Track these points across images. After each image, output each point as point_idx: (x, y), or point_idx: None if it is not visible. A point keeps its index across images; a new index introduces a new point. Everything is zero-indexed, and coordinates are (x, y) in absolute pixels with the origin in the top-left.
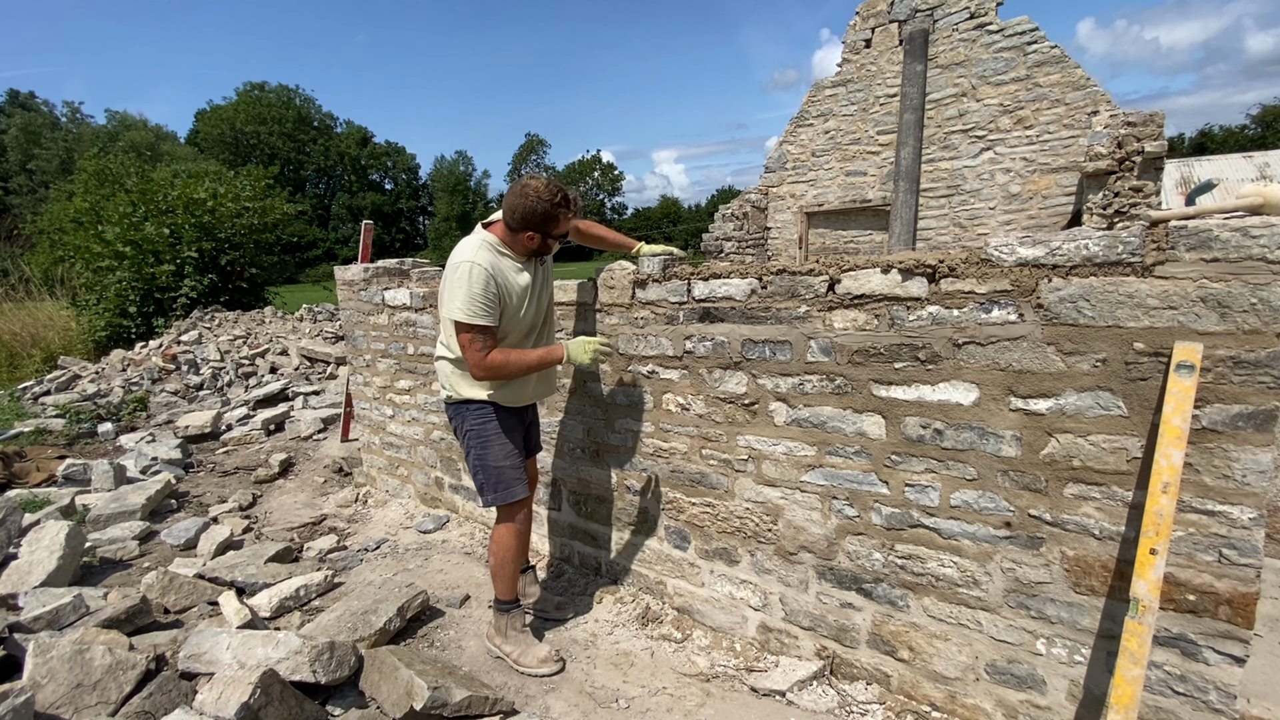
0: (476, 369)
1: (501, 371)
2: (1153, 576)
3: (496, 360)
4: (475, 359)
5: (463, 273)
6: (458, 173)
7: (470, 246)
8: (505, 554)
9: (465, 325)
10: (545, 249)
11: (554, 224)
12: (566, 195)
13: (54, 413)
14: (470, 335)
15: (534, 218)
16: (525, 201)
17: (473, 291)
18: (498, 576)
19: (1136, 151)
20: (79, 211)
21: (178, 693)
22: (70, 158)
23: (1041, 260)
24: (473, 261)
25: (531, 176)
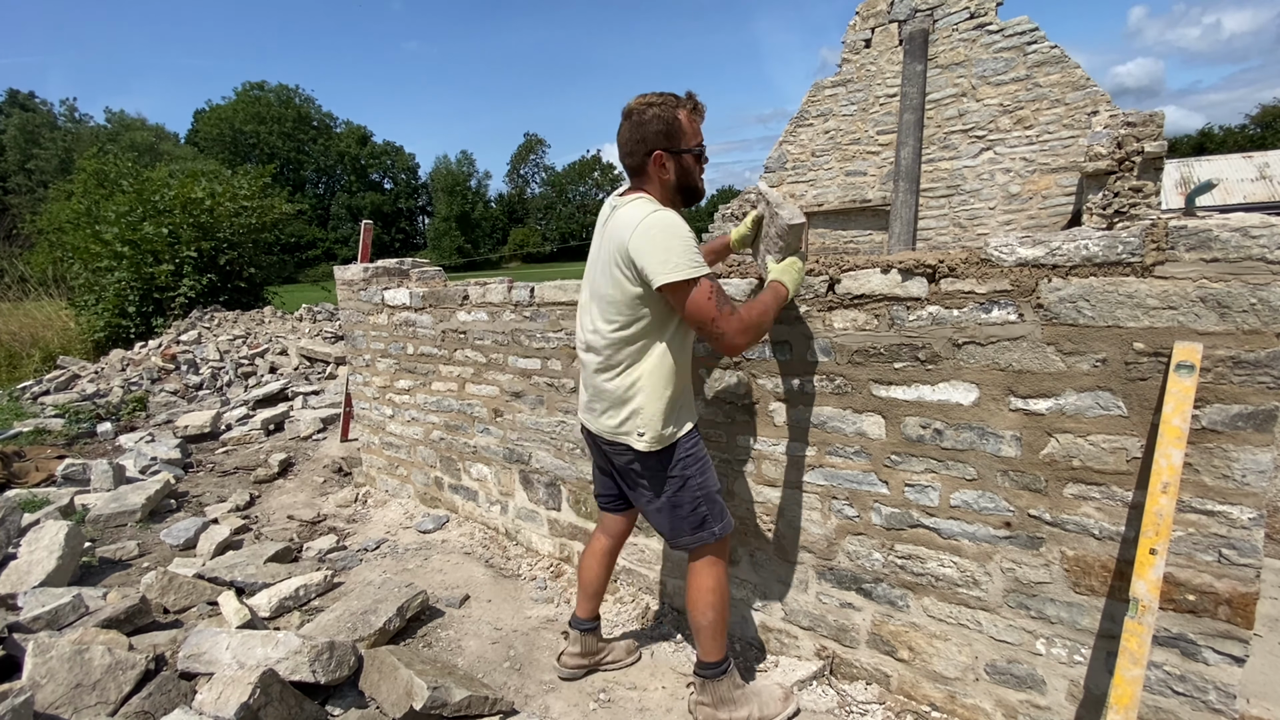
0: (737, 335)
1: (760, 327)
2: (1152, 576)
3: (747, 316)
4: (730, 324)
5: (657, 223)
6: (457, 173)
7: (638, 206)
8: (724, 600)
9: (695, 283)
10: (691, 183)
11: (677, 130)
12: (675, 94)
13: (53, 412)
14: (712, 292)
15: (650, 130)
16: (632, 121)
17: (684, 237)
18: (717, 633)
19: (1136, 151)
20: (76, 213)
21: (177, 693)
22: (69, 157)
23: (1041, 260)
24: (654, 211)
25: (630, 100)
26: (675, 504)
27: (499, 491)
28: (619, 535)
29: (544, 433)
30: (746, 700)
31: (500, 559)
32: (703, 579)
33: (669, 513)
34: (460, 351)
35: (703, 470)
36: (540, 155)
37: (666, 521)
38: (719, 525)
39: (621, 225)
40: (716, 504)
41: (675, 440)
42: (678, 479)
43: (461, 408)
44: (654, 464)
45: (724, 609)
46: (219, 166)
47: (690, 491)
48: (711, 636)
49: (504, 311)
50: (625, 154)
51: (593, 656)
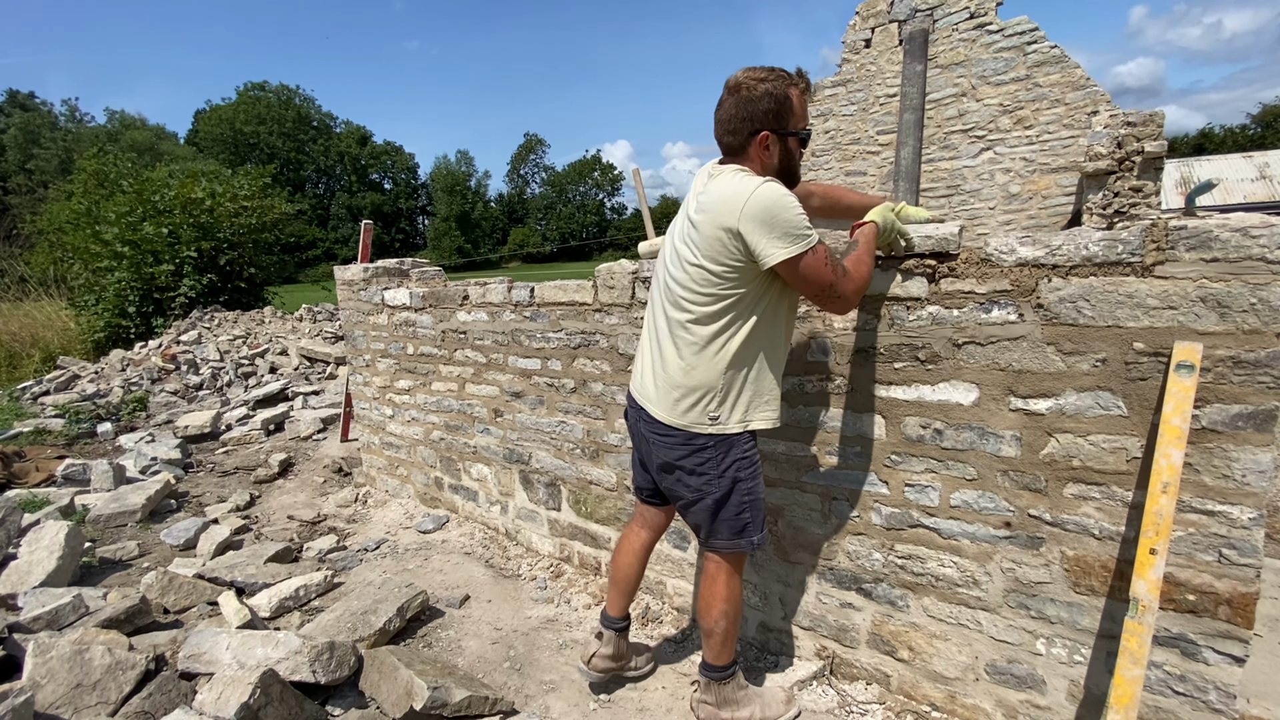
0: (854, 295)
1: (867, 279)
2: (1152, 576)
3: (856, 271)
4: (845, 284)
5: (767, 194)
6: (457, 172)
7: (738, 178)
8: (738, 609)
9: (814, 251)
10: (792, 166)
11: (788, 110)
12: (784, 69)
13: (53, 413)
14: (825, 258)
15: (760, 108)
16: (740, 96)
17: (795, 208)
18: (727, 640)
19: (1136, 151)
20: (76, 213)
21: (177, 693)
22: (69, 157)
23: (1041, 260)
24: (765, 181)
25: (735, 73)
26: (720, 504)
27: (499, 492)
28: (659, 529)
29: (544, 433)
30: (749, 701)
31: (500, 559)
32: (718, 585)
33: (711, 512)
34: (460, 351)
35: (754, 475)
36: (540, 155)
37: (707, 520)
38: (758, 535)
39: (723, 197)
40: (760, 513)
41: (739, 434)
42: (729, 479)
43: (461, 408)
44: (710, 458)
45: (736, 618)
46: (219, 167)
47: (739, 495)
48: (721, 643)
49: (504, 311)
50: (727, 131)
51: (621, 661)
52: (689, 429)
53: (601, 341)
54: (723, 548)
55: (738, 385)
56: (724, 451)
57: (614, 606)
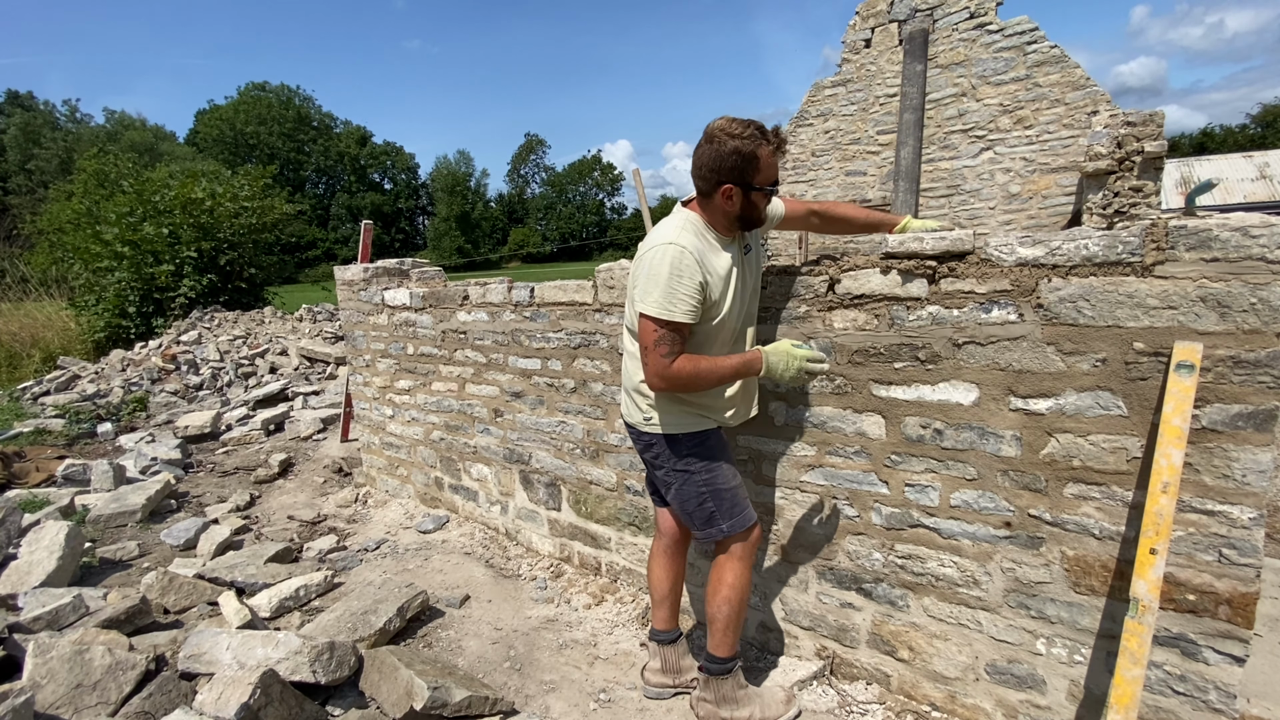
0: (656, 378)
1: (689, 384)
2: (1153, 576)
3: (684, 370)
4: (658, 365)
5: (662, 256)
6: (457, 173)
7: (671, 227)
8: (741, 598)
9: (658, 322)
10: (753, 216)
11: (754, 167)
12: (761, 125)
13: (53, 413)
14: (659, 335)
15: (727, 163)
16: (712, 147)
17: (675, 278)
18: (729, 628)
19: (1136, 151)
20: (77, 213)
21: (177, 693)
22: (70, 157)
23: (1041, 260)
24: (673, 243)
25: (717, 119)
26: (683, 498)
27: (499, 492)
28: (669, 532)
29: (544, 433)
30: (749, 701)
31: (500, 559)
32: (721, 572)
33: (679, 506)
34: (460, 352)
35: (710, 467)
36: (540, 155)
37: (680, 511)
38: (728, 523)
39: (651, 236)
40: (725, 501)
41: (681, 433)
42: (682, 472)
43: (461, 408)
44: (660, 452)
45: (739, 606)
46: (219, 167)
47: (694, 486)
48: (723, 631)
49: (504, 311)
50: (697, 175)
51: (677, 676)
52: (637, 427)
53: (601, 341)
54: (700, 537)
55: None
56: (670, 446)
57: (657, 619)
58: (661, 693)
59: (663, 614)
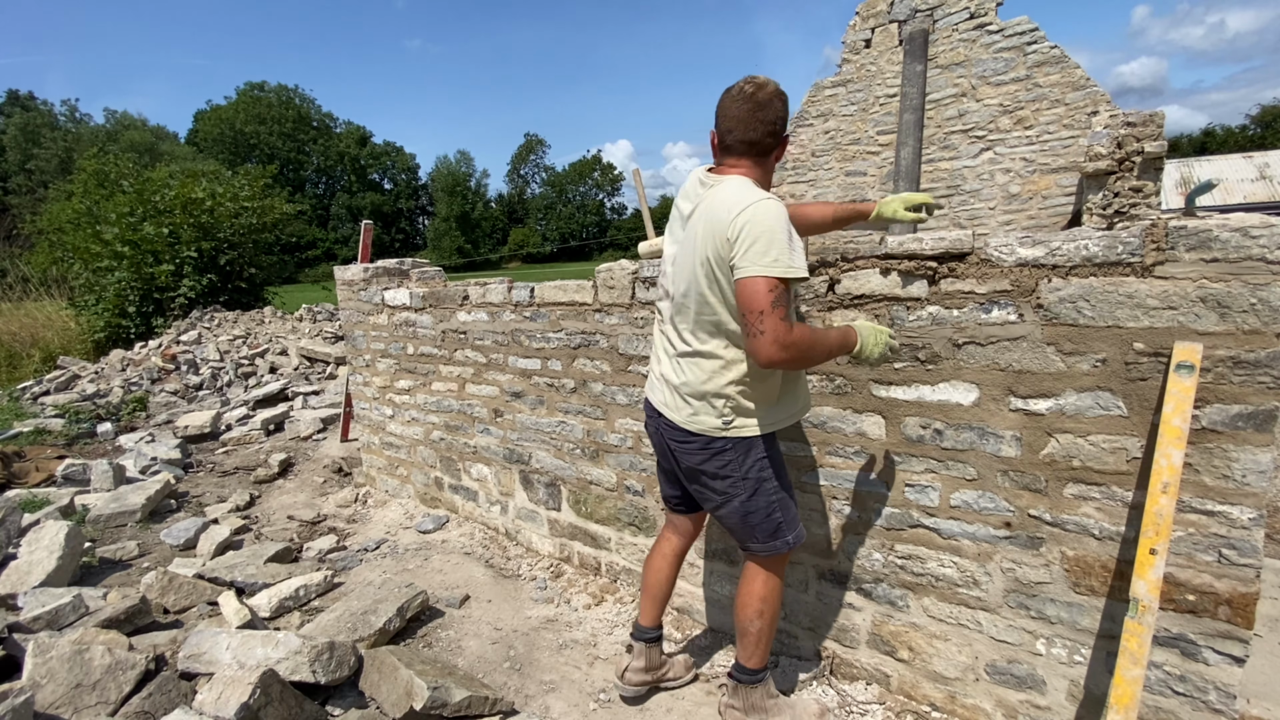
0: (777, 347)
1: (808, 351)
2: (1152, 576)
3: (804, 335)
4: (779, 331)
5: (767, 212)
6: (457, 173)
7: (747, 188)
8: (775, 611)
9: (779, 282)
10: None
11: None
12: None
13: (53, 413)
14: (777, 295)
15: (776, 115)
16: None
17: (789, 233)
18: (761, 640)
19: (1136, 152)
20: (77, 213)
21: (177, 693)
22: (69, 157)
23: (1041, 260)
24: (769, 199)
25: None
26: (749, 509)
27: (499, 492)
28: (689, 535)
29: (544, 433)
30: (779, 711)
31: (500, 559)
32: (756, 584)
33: (741, 518)
34: (460, 352)
35: (780, 474)
36: (540, 155)
37: (739, 524)
38: (793, 534)
39: (723, 205)
40: (791, 510)
41: (758, 436)
42: (753, 481)
43: (461, 408)
44: (731, 460)
45: (773, 619)
46: (219, 167)
47: (765, 495)
48: (755, 643)
49: (504, 311)
50: (749, 127)
51: (655, 671)
52: (706, 434)
53: (602, 341)
54: (761, 551)
55: (748, 390)
56: (744, 453)
57: (646, 616)
58: (639, 690)
59: (656, 612)
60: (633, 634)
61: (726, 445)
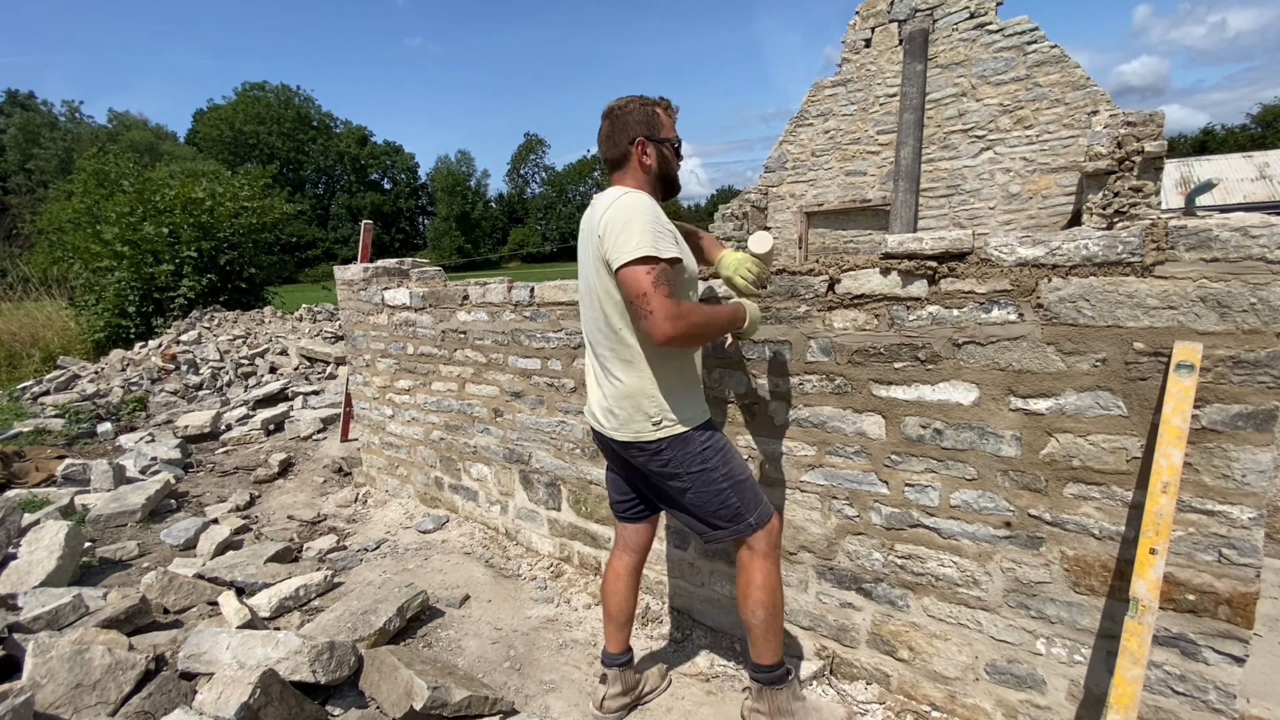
0: (668, 321)
1: (702, 326)
2: (1152, 576)
3: (695, 309)
4: (666, 307)
5: (629, 204)
6: (457, 173)
7: (611, 193)
8: (775, 597)
9: (651, 261)
10: (669, 172)
11: (658, 124)
12: (650, 97)
13: (53, 412)
14: (657, 273)
15: (633, 123)
16: (615, 117)
17: (654, 220)
18: (769, 630)
19: (1136, 151)
20: (77, 212)
21: (177, 693)
22: (69, 157)
23: (1041, 260)
24: (630, 191)
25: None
26: (702, 498)
27: (499, 491)
28: (641, 549)
29: (544, 433)
30: (805, 715)
31: (500, 559)
32: (749, 574)
33: (697, 509)
34: (460, 351)
35: (726, 459)
36: (540, 155)
37: (696, 519)
38: (754, 515)
39: (595, 212)
40: (748, 491)
41: (690, 430)
42: (698, 471)
43: (461, 408)
44: (672, 457)
45: (776, 607)
46: (219, 167)
47: (714, 482)
48: (763, 636)
49: (504, 311)
50: (609, 147)
51: (633, 692)
52: (644, 438)
53: None
54: (725, 538)
55: (666, 388)
56: (681, 448)
57: (613, 642)
58: (621, 715)
59: (623, 636)
60: (604, 661)
61: (663, 445)
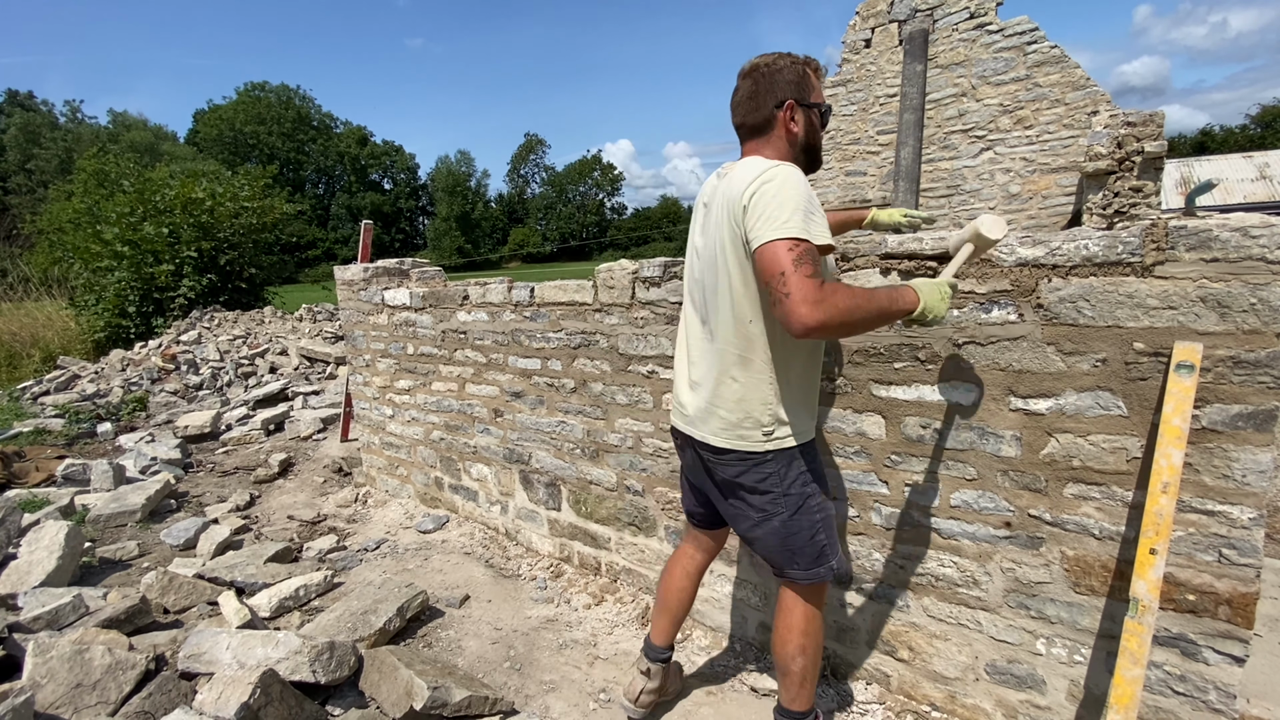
0: (809, 305)
1: (849, 312)
2: (1152, 576)
3: (841, 291)
4: (806, 290)
5: (786, 177)
6: (458, 173)
7: (754, 163)
8: (819, 646)
9: (796, 242)
10: (813, 137)
11: (809, 84)
12: (799, 55)
13: (53, 413)
14: (800, 252)
15: (783, 82)
16: (761, 75)
17: (808, 199)
18: (805, 680)
19: (1136, 151)
20: (77, 212)
21: (177, 693)
22: (70, 157)
23: (1041, 260)
24: (780, 165)
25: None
26: (792, 530)
27: (499, 491)
28: (713, 551)
29: (544, 433)
30: None
31: (500, 559)
32: (795, 617)
33: (782, 540)
34: (460, 351)
35: (825, 489)
36: (540, 155)
37: (778, 548)
38: (836, 559)
39: (736, 184)
40: (834, 530)
41: (799, 445)
42: (796, 497)
43: (461, 408)
44: (772, 473)
45: (816, 655)
46: (219, 167)
47: (809, 515)
48: (799, 684)
49: (504, 311)
50: (749, 110)
51: (665, 690)
52: (754, 449)
53: (601, 341)
54: (801, 578)
55: (787, 394)
56: (786, 464)
57: (661, 634)
58: (650, 712)
59: (672, 630)
60: (646, 653)
61: (768, 457)
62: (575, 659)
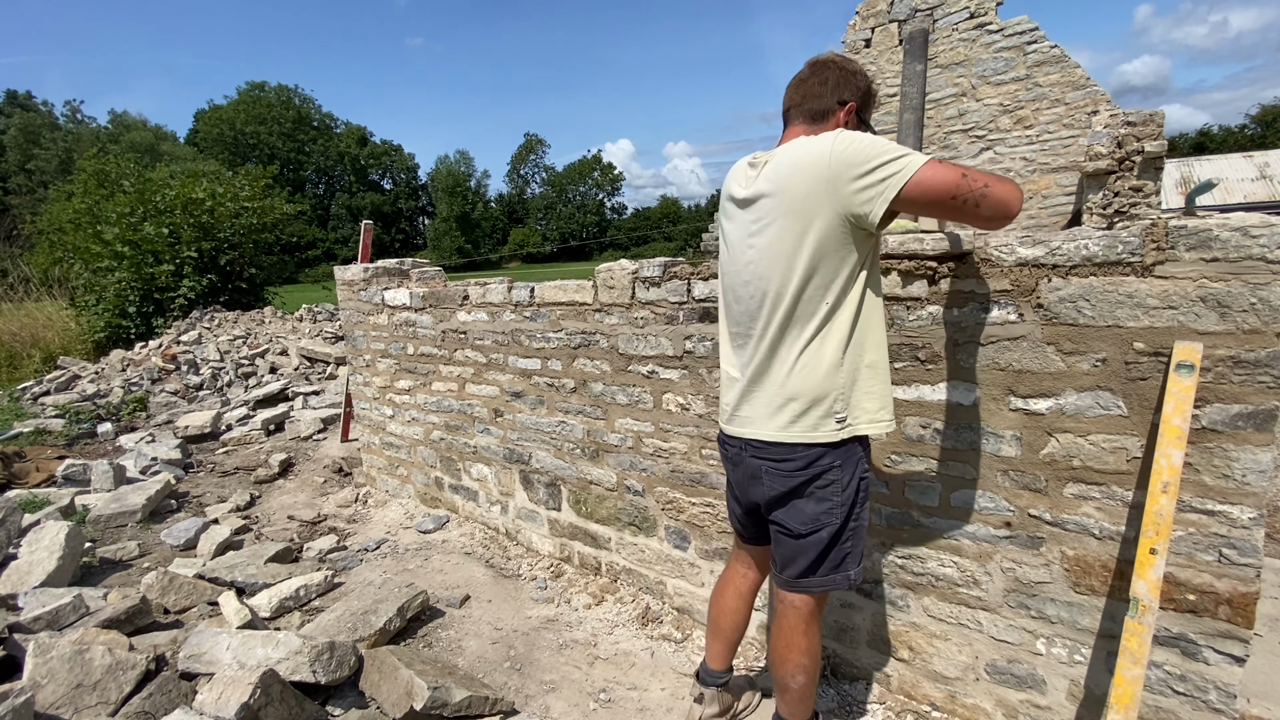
0: (1007, 185)
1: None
2: (1153, 576)
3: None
4: (989, 178)
5: (857, 136)
6: (457, 173)
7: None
8: (818, 663)
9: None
10: None
11: (871, 102)
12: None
13: (53, 413)
14: (948, 163)
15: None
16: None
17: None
18: (804, 697)
19: (1136, 151)
20: (77, 212)
21: (178, 693)
22: (70, 158)
23: (1041, 260)
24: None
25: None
26: (832, 531)
27: (499, 491)
28: (765, 569)
29: (544, 433)
30: None
31: (500, 559)
32: (796, 635)
33: (824, 544)
34: (460, 352)
35: (868, 496)
36: (540, 155)
37: (814, 554)
38: (856, 569)
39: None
40: (863, 539)
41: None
42: (846, 506)
43: (461, 408)
44: (833, 465)
45: (816, 670)
46: (219, 167)
47: (854, 519)
48: (799, 699)
49: (504, 311)
50: (813, 95)
51: (729, 713)
52: (810, 441)
53: (601, 341)
54: (815, 586)
55: (873, 362)
56: (852, 468)
57: (717, 658)
58: None
59: (729, 654)
60: (701, 679)
61: (835, 461)
62: (575, 659)
